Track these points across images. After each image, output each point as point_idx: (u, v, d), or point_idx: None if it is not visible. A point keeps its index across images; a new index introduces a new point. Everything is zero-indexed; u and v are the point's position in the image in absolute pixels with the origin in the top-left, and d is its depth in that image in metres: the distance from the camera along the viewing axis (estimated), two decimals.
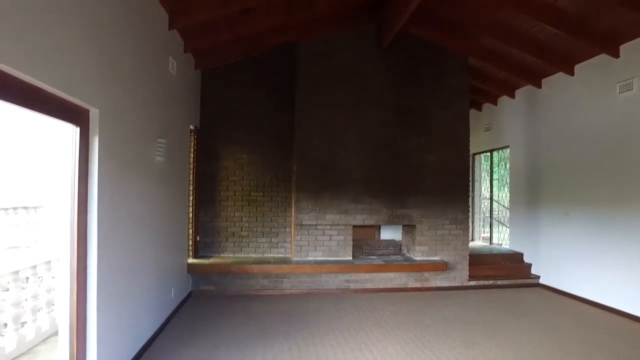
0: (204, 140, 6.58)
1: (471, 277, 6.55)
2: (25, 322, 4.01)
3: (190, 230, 6.24)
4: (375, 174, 6.46)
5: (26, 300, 4.01)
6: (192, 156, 6.24)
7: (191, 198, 6.25)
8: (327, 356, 3.84)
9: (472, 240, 9.10)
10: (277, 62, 6.79)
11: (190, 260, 6.11)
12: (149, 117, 4.04)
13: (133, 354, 3.63)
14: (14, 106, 2.26)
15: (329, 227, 6.38)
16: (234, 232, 6.75)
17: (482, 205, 9.42)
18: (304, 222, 6.34)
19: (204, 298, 5.84)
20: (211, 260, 6.28)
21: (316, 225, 6.36)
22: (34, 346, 4.00)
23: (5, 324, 3.81)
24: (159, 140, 4.28)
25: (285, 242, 6.80)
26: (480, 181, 9.41)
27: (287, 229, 6.78)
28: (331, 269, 6.12)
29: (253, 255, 6.70)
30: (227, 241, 6.72)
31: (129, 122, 3.53)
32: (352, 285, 6.23)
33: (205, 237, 6.65)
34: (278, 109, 6.76)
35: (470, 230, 8.83)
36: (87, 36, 2.75)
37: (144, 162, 3.92)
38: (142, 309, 3.92)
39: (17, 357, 3.76)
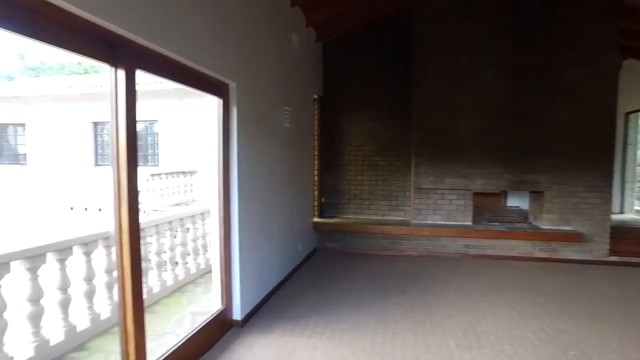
0: (327, 108, 7.02)
1: (612, 251, 5.88)
2: (187, 262, 5.04)
3: (316, 192, 6.86)
4: (496, 137, 6.14)
5: (185, 244, 5.03)
6: (316, 123, 6.76)
7: (316, 162, 6.82)
8: (439, 311, 4.03)
9: (622, 212, 8.02)
10: (395, 29, 6.80)
11: (316, 219, 6.74)
12: (276, 88, 4.57)
13: (264, 293, 4.30)
14: (180, 85, 2.93)
15: (447, 191, 6.35)
16: (355, 195, 7.17)
17: (637, 173, 8.14)
18: (423, 186, 6.43)
19: (328, 254, 6.43)
20: (334, 220, 6.83)
21: (435, 189, 6.39)
22: (195, 279, 5.03)
23: (177, 262, 4.87)
24: (285, 108, 4.81)
25: (405, 205, 6.98)
26: (635, 144, 8.11)
27: (407, 193, 6.94)
28: (450, 233, 6.15)
29: (374, 217, 7.06)
30: (349, 203, 7.19)
31: (260, 93, 4.07)
32: (472, 251, 6.17)
33: (329, 199, 7.21)
34: (396, 75, 6.81)
35: (620, 200, 7.84)
36: (224, 20, 3.28)
37: (273, 128, 4.48)
38: (273, 257, 4.57)
39: (185, 284, 4.81)
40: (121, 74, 2.29)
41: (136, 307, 2.41)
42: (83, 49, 2.08)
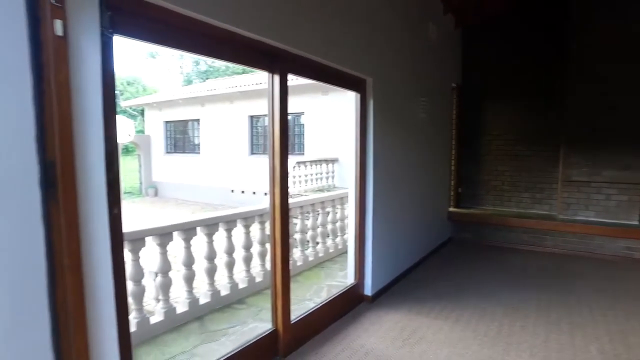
0: (466, 97, 6.83)
1: None
2: (326, 242, 5.58)
3: (452, 182, 6.79)
4: None
5: (325, 225, 5.55)
6: (454, 112, 6.65)
7: (453, 152, 6.74)
8: (582, 313, 3.73)
9: None
10: (538, 9, 6.20)
11: (452, 209, 6.68)
12: (412, 80, 4.71)
13: (395, 275, 4.53)
14: (323, 83, 3.36)
15: (605, 184, 5.64)
16: (495, 186, 6.85)
17: None
18: (573, 178, 5.84)
19: (462, 244, 6.35)
20: (471, 211, 6.67)
21: (589, 182, 5.74)
22: (333, 257, 5.55)
23: (317, 242, 5.44)
24: (421, 99, 4.92)
25: (550, 198, 6.41)
26: None
27: (553, 185, 6.35)
28: (607, 232, 5.47)
29: (514, 209, 6.66)
30: (488, 194, 6.91)
31: (396, 86, 4.29)
32: (637, 255, 5.38)
33: (466, 189, 7.03)
34: (542, 59, 6.23)
35: None
36: (361, 20, 3.58)
37: (408, 119, 4.65)
38: (404, 242, 4.76)
39: (324, 261, 5.37)
40: (276, 78, 2.77)
41: (284, 271, 2.92)
42: (249, 61, 2.62)
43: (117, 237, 1.73)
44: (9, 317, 1.35)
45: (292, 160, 10.63)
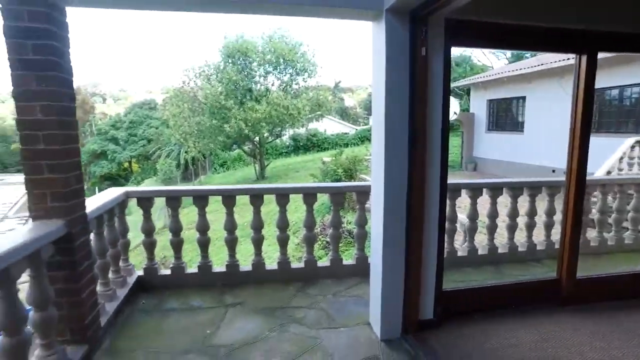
0: None
1: None
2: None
3: None
4: None
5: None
6: None
7: None
8: None
9: None
10: None
11: None
12: None
13: None
14: None
15: None
16: None
17: None
18: None
19: None
20: None
21: None
22: None
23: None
24: None
25: None
26: None
27: None
28: None
29: None
30: None
31: None
32: None
33: None
34: None
35: None
36: None
37: None
38: None
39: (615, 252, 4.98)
40: (584, 59, 3.14)
41: (574, 230, 3.36)
42: (557, 48, 3.16)
43: (443, 179, 2.82)
44: (389, 208, 2.70)
45: (631, 139, 9.26)
